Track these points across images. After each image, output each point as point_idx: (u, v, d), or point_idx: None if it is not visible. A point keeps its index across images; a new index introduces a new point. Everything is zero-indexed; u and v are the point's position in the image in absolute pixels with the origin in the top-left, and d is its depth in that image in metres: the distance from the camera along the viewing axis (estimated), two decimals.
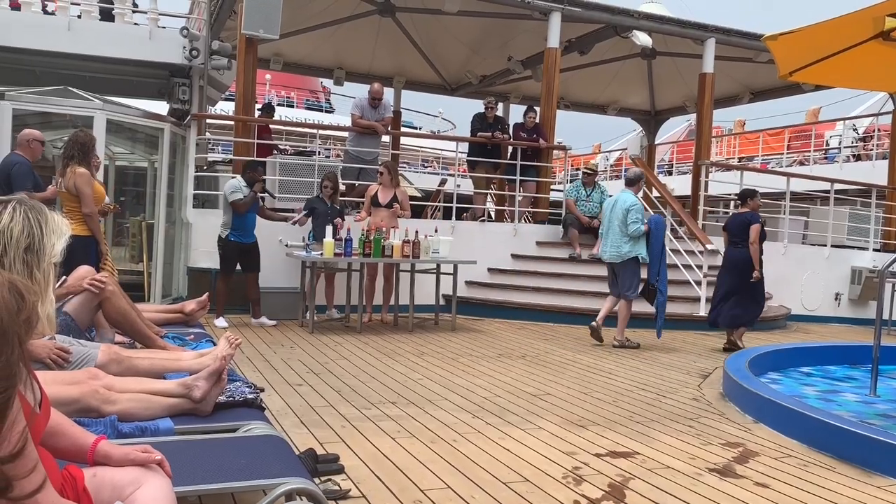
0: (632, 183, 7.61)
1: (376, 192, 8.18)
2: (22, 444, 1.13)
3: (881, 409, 5.15)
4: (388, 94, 12.62)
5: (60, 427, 1.66)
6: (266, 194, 8.40)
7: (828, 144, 19.37)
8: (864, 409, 5.11)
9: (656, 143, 17.41)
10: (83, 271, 3.59)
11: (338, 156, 15.11)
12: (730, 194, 13.60)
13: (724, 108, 14.96)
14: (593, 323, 7.48)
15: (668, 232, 8.22)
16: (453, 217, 9.86)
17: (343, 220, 8.09)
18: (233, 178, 7.91)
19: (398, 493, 3.04)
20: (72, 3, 9.14)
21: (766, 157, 20.32)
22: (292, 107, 26.54)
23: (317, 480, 2.80)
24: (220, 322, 7.49)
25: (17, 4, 9.14)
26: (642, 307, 7.77)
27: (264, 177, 8.18)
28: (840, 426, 3.94)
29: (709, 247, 9.18)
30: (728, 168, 14.65)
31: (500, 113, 11.72)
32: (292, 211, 9.11)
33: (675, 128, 24.76)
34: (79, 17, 9.22)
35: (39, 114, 8.01)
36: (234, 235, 7.59)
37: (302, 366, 5.70)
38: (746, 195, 7.91)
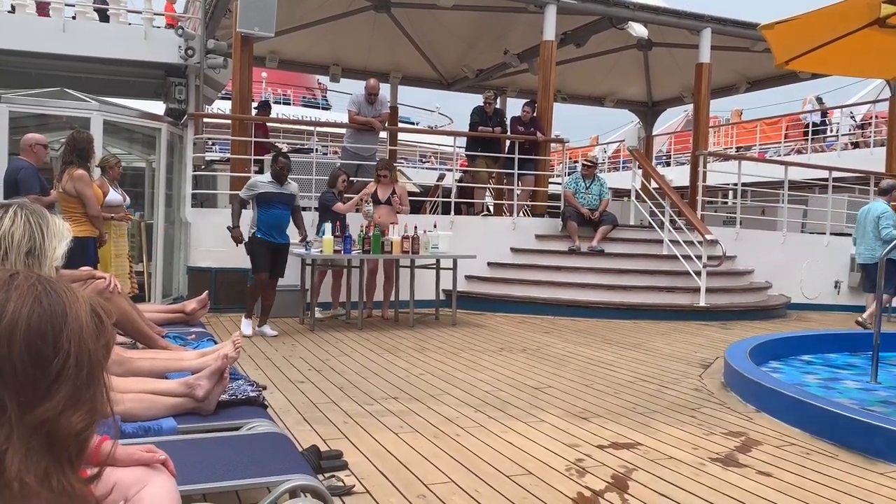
0: (884, 192, 8.53)
1: (376, 190, 8.19)
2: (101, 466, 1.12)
3: (882, 396, 5.16)
4: (385, 89, 12.60)
5: None
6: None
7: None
8: (865, 397, 5.12)
9: (654, 134, 17.40)
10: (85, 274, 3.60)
11: (335, 153, 15.09)
12: (728, 184, 13.60)
13: (722, 98, 14.95)
14: (859, 319, 8.20)
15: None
16: (452, 212, 9.86)
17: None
18: (257, 174, 7.49)
19: (402, 489, 3.05)
20: (66, 5, 9.13)
21: (763, 147, 20.30)
22: (289, 104, 26.52)
23: (320, 477, 2.81)
24: (268, 330, 6.97)
25: (44, 13, 9.14)
26: None
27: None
28: (842, 414, 3.95)
29: (708, 237, 9.17)
30: (726, 158, 14.65)
31: (497, 106, 11.70)
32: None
33: (673, 118, 24.74)
34: (73, 18, 9.21)
35: (36, 116, 8.00)
36: (262, 233, 6.94)
37: (303, 363, 5.71)
38: None
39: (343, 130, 10.81)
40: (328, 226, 7.44)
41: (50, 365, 0.93)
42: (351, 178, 9.52)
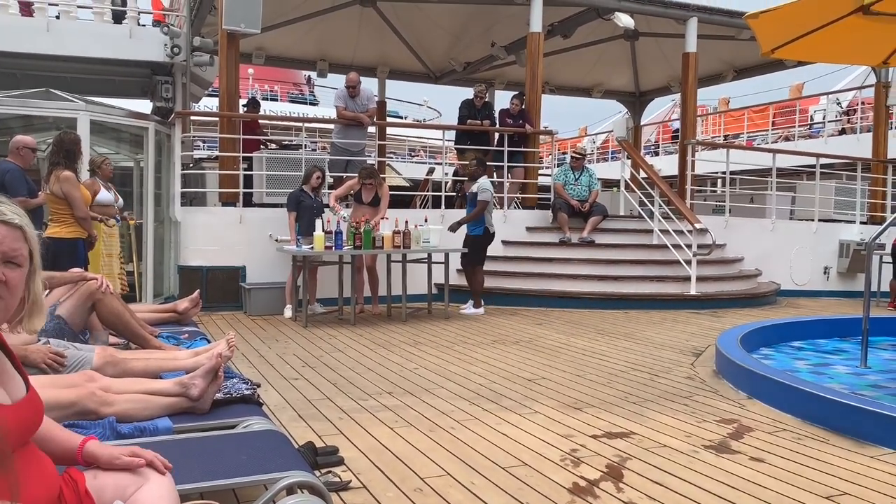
0: None
1: (359, 191, 8.16)
2: None
3: (872, 380, 5.21)
4: (373, 84, 12.60)
5: (49, 433, 1.67)
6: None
7: (812, 119, 19.47)
8: (855, 381, 5.17)
9: (642, 123, 17.44)
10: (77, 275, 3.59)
11: (324, 148, 15.07)
12: (716, 173, 13.66)
13: (709, 87, 15.01)
14: None
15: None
16: (443, 206, 9.86)
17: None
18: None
19: (399, 483, 3.07)
20: (49, 4, 9.05)
21: (751, 135, 20.41)
22: (276, 100, 26.43)
23: (317, 473, 2.82)
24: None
25: (28, 12, 9.06)
26: None
27: None
28: (832, 399, 3.99)
29: (697, 226, 9.21)
30: (714, 146, 14.71)
31: (486, 99, 11.70)
32: (281, 205, 9.07)
33: (661, 108, 24.82)
34: (57, 17, 9.14)
35: (21, 117, 7.94)
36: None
37: (297, 360, 5.71)
38: None
39: (331, 126, 10.77)
40: (319, 222, 7.43)
41: None
42: (341, 175, 9.51)
